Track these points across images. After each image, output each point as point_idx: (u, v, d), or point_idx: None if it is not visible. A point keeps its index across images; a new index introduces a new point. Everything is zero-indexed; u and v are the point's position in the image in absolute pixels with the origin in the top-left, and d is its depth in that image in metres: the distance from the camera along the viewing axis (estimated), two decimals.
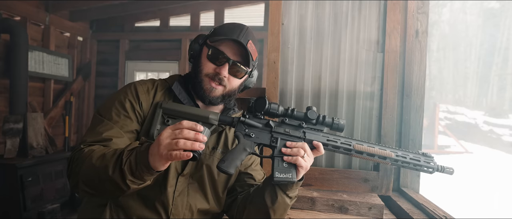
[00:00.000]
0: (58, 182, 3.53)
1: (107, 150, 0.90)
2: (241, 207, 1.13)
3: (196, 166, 1.09)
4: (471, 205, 6.08)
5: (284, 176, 0.97)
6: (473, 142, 14.26)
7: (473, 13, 25.83)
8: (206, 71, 1.07)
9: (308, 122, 1.04)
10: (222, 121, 1.03)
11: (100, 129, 0.99)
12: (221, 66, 1.06)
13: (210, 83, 1.07)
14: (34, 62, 4.04)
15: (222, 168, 0.95)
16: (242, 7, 4.88)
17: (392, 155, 1.02)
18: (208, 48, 1.08)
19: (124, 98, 1.04)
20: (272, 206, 1.03)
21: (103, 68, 5.16)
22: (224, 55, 1.06)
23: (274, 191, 1.03)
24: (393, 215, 1.54)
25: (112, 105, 1.04)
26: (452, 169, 1.03)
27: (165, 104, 1.04)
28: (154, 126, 1.02)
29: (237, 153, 0.98)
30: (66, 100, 4.61)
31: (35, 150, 3.38)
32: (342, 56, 1.75)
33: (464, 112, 18.59)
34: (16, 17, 3.89)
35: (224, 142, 1.15)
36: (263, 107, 1.01)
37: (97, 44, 5.17)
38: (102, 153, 0.89)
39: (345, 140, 1.03)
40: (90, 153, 0.90)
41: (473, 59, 25.41)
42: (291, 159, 0.97)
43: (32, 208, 3.13)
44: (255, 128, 1.02)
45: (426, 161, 1.02)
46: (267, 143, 1.02)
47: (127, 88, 1.07)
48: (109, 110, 1.03)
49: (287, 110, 1.04)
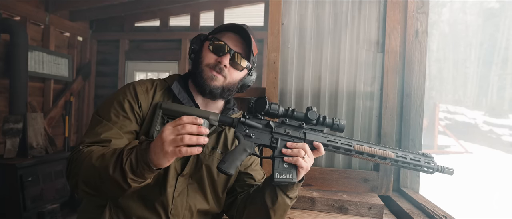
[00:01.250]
0: (58, 182, 3.53)
1: (106, 150, 0.90)
2: (241, 207, 1.13)
3: (196, 166, 1.09)
4: (471, 205, 6.08)
5: (284, 177, 0.97)
6: (473, 142, 14.27)
7: (473, 13, 25.84)
8: (206, 61, 1.08)
9: (308, 122, 1.03)
10: (222, 121, 1.02)
11: (99, 129, 0.99)
12: (222, 56, 1.07)
13: (211, 71, 1.07)
14: (34, 62, 4.03)
15: (222, 169, 0.94)
16: (242, 7, 4.87)
17: (393, 155, 1.02)
18: (209, 40, 1.10)
19: (123, 98, 1.04)
20: (273, 206, 1.03)
21: (103, 68, 5.16)
22: (226, 44, 1.07)
23: (274, 191, 1.03)
24: (393, 215, 1.54)
25: (111, 106, 1.03)
26: (452, 170, 1.03)
27: (164, 104, 1.03)
28: (154, 127, 1.01)
29: (237, 153, 0.98)
30: (66, 100, 4.61)
31: (35, 150, 3.38)
32: (342, 56, 1.75)
33: (464, 112, 18.60)
34: (16, 17, 3.89)
35: (223, 142, 1.15)
36: (263, 107, 1.01)
37: (97, 44, 5.17)
38: (101, 153, 0.89)
39: (345, 141, 1.03)
40: (89, 153, 0.90)
41: (473, 59, 25.41)
42: (292, 160, 0.97)
43: (32, 208, 3.13)
44: (256, 128, 1.02)
45: (426, 161, 1.02)
46: (268, 143, 1.02)
47: (126, 89, 1.07)
48: (108, 111, 1.02)
49: (287, 110, 1.03)
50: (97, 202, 1.04)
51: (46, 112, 4.24)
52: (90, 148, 0.93)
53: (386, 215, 1.50)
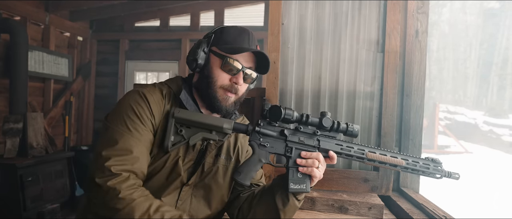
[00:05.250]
0: (58, 182, 3.52)
1: (147, 205, 0.88)
2: (245, 207, 1.14)
3: (201, 175, 1.09)
4: (471, 205, 6.08)
5: (298, 187, 1.00)
6: (473, 142, 14.26)
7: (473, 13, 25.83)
8: (221, 82, 1.04)
9: (322, 129, 1.03)
10: (237, 129, 1.02)
11: (119, 140, 0.93)
12: (236, 76, 1.04)
13: (226, 93, 1.05)
14: (34, 62, 4.03)
15: (238, 181, 0.97)
16: (242, 7, 4.87)
17: (403, 163, 1.03)
18: (220, 58, 1.04)
19: (136, 107, 0.99)
20: (284, 208, 1.05)
21: (103, 68, 5.16)
22: (240, 64, 1.03)
23: (286, 195, 1.05)
24: (393, 215, 1.54)
25: (124, 115, 0.98)
26: (458, 175, 1.04)
27: (177, 113, 1.00)
28: (168, 138, 0.99)
29: (252, 164, 1.00)
30: (66, 100, 4.61)
31: (35, 150, 3.37)
32: (342, 56, 1.75)
33: (464, 112, 18.58)
34: (16, 17, 3.89)
35: (226, 148, 1.14)
36: (278, 116, 0.99)
37: (97, 44, 5.17)
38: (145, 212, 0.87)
39: (358, 148, 1.03)
40: (129, 204, 0.87)
41: (473, 59, 25.40)
42: (306, 170, 0.99)
43: (32, 208, 3.12)
44: (270, 137, 1.02)
45: (435, 167, 1.03)
46: (282, 153, 1.02)
47: (137, 97, 1.01)
48: (122, 120, 0.97)
49: (301, 116, 1.02)
50: (100, 214, 1.01)
51: (46, 112, 4.25)
52: (132, 196, 0.88)
53: (386, 215, 1.50)
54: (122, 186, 0.88)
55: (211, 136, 1.01)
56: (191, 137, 0.99)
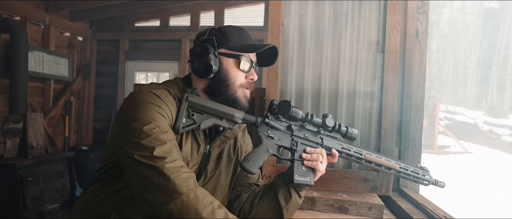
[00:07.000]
0: (58, 182, 3.52)
1: (213, 208, 0.85)
2: (248, 206, 1.14)
3: (204, 179, 1.09)
4: (471, 205, 6.08)
5: (303, 179, 1.04)
6: (473, 142, 14.26)
7: (473, 13, 25.84)
8: (240, 82, 1.07)
9: (325, 129, 1.10)
10: (246, 119, 1.06)
11: (150, 132, 0.88)
12: (250, 72, 1.09)
13: (244, 91, 1.09)
14: (34, 62, 4.03)
15: (246, 168, 0.99)
16: (242, 7, 4.87)
17: (397, 166, 1.13)
18: (235, 58, 1.05)
19: (153, 103, 0.95)
20: (286, 205, 1.08)
21: (103, 68, 5.15)
22: (253, 61, 1.10)
23: (288, 191, 1.08)
24: (393, 215, 1.54)
25: (145, 109, 0.93)
26: (444, 183, 1.17)
27: (191, 98, 1.01)
28: (180, 119, 0.98)
29: (260, 153, 1.03)
30: (66, 100, 4.61)
31: (35, 150, 3.37)
32: (342, 56, 1.75)
33: (464, 112, 18.58)
34: (16, 17, 3.89)
35: (227, 150, 1.15)
36: (287, 111, 1.06)
37: (97, 44, 5.17)
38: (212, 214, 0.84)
39: (357, 149, 1.12)
40: (195, 203, 0.83)
41: (473, 59, 25.41)
42: (311, 164, 1.05)
43: (32, 208, 3.12)
44: (278, 130, 1.07)
45: (423, 174, 1.15)
46: (288, 146, 1.08)
47: (151, 94, 0.97)
48: (146, 112, 0.92)
49: (307, 115, 1.09)
50: (102, 211, 1.00)
51: (46, 112, 4.24)
52: (196, 192, 0.85)
53: (386, 215, 1.50)
54: (183, 173, 0.87)
55: (222, 122, 1.03)
56: (202, 121, 1.02)
